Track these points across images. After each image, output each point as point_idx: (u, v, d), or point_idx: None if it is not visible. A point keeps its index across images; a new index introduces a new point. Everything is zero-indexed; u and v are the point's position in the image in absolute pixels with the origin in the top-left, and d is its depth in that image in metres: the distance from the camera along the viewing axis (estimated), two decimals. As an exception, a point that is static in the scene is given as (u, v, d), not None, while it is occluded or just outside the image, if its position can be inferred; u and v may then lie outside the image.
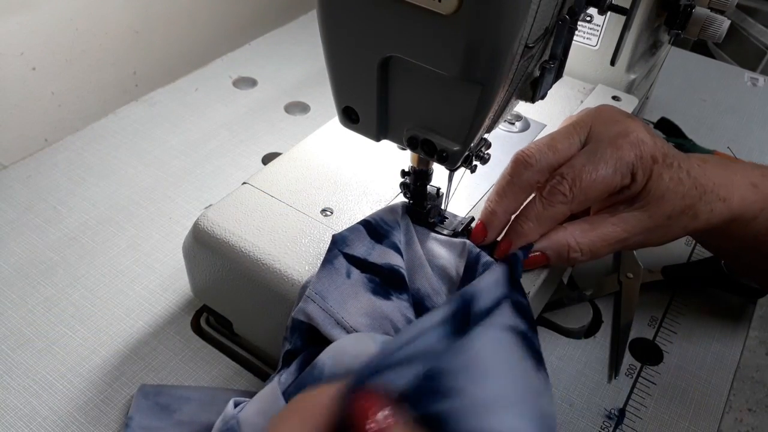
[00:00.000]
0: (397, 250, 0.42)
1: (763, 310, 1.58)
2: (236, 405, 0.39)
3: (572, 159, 0.42)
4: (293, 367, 0.39)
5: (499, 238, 0.43)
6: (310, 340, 0.40)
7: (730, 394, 0.51)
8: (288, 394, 0.36)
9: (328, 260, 0.41)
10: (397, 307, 0.39)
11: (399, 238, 0.43)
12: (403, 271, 0.40)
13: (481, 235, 0.43)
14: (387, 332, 0.38)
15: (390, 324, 0.39)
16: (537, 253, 0.42)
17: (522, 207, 0.43)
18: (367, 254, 0.41)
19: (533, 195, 0.43)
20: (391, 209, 0.44)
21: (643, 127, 0.43)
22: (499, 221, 0.42)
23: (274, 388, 0.36)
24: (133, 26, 0.75)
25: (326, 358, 0.35)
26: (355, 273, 0.41)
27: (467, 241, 0.43)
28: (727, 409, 0.52)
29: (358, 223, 0.43)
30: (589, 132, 0.43)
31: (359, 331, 0.38)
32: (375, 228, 0.43)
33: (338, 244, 0.41)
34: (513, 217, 0.43)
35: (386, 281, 0.40)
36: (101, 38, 0.72)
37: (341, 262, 0.41)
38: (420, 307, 0.41)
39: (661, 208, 0.42)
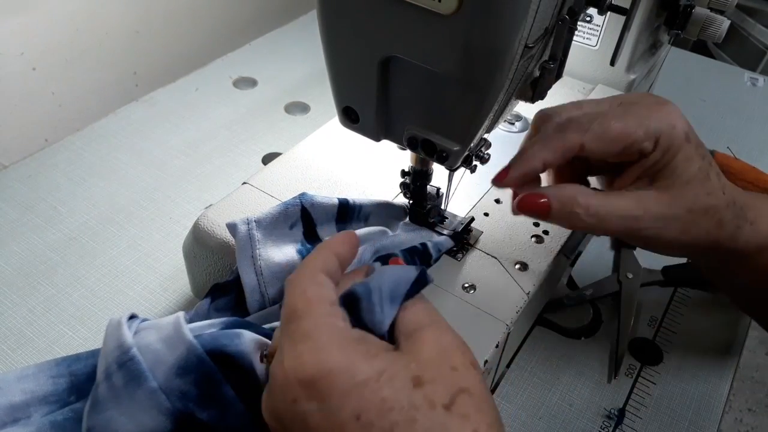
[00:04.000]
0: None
1: (763, 310, 1.57)
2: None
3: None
4: (205, 304, 0.42)
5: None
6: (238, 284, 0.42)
7: (730, 394, 0.51)
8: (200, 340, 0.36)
9: (286, 204, 0.42)
10: None
11: (360, 227, 0.45)
12: None
13: (503, 175, 0.40)
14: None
15: None
16: (543, 200, 0.39)
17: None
18: (320, 226, 0.43)
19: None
20: (384, 206, 0.46)
21: (682, 114, 0.41)
22: (524, 160, 0.39)
23: (177, 317, 0.37)
24: (133, 26, 0.75)
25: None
26: (297, 230, 0.43)
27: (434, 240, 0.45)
28: (727, 409, 0.52)
29: (337, 198, 0.44)
30: (622, 101, 0.41)
31: (264, 275, 0.40)
32: (348, 209, 0.44)
33: (305, 198, 0.43)
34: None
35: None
36: (101, 38, 0.72)
37: (294, 213, 0.42)
38: None
39: (684, 196, 0.39)
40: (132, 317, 0.38)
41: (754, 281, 0.45)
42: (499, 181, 0.40)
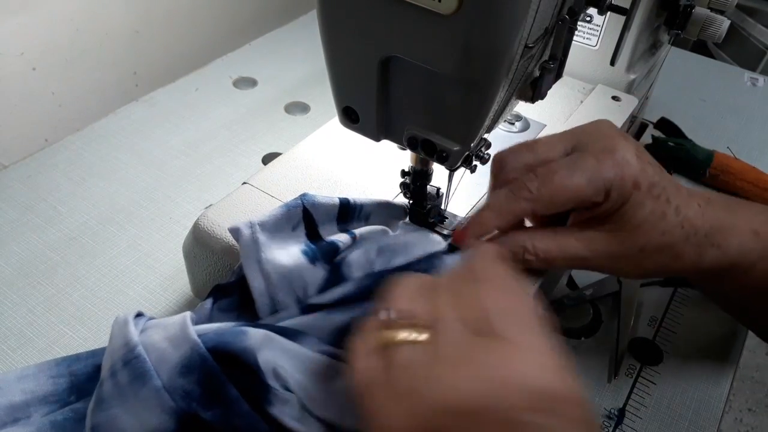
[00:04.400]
0: (351, 234, 0.43)
1: (763, 310, 1.57)
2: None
3: (551, 162, 0.41)
4: (208, 305, 0.41)
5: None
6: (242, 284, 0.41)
7: (730, 394, 0.51)
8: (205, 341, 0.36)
9: (287, 205, 0.42)
10: (314, 273, 0.40)
11: (360, 227, 0.44)
12: (341, 245, 0.42)
13: (462, 236, 0.42)
14: (295, 290, 0.40)
15: (301, 284, 0.40)
16: None
17: (488, 197, 0.43)
18: (321, 226, 0.43)
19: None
20: (384, 206, 0.46)
21: (635, 150, 0.40)
22: (478, 226, 0.42)
23: (184, 317, 0.37)
24: (133, 26, 0.75)
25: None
26: (300, 231, 0.42)
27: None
28: (727, 409, 0.52)
29: (338, 197, 0.44)
30: (576, 143, 0.42)
31: (270, 276, 0.39)
32: (349, 209, 0.44)
33: (306, 198, 0.43)
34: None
35: (320, 249, 0.41)
36: (101, 38, 0.72)
37: (296, 215, 0.42)
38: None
39: (634, 238, 0.40)
40: (138, 315, 0.38)
41: (733, 291, 0.46)
42: (457, 241, 0.43)
